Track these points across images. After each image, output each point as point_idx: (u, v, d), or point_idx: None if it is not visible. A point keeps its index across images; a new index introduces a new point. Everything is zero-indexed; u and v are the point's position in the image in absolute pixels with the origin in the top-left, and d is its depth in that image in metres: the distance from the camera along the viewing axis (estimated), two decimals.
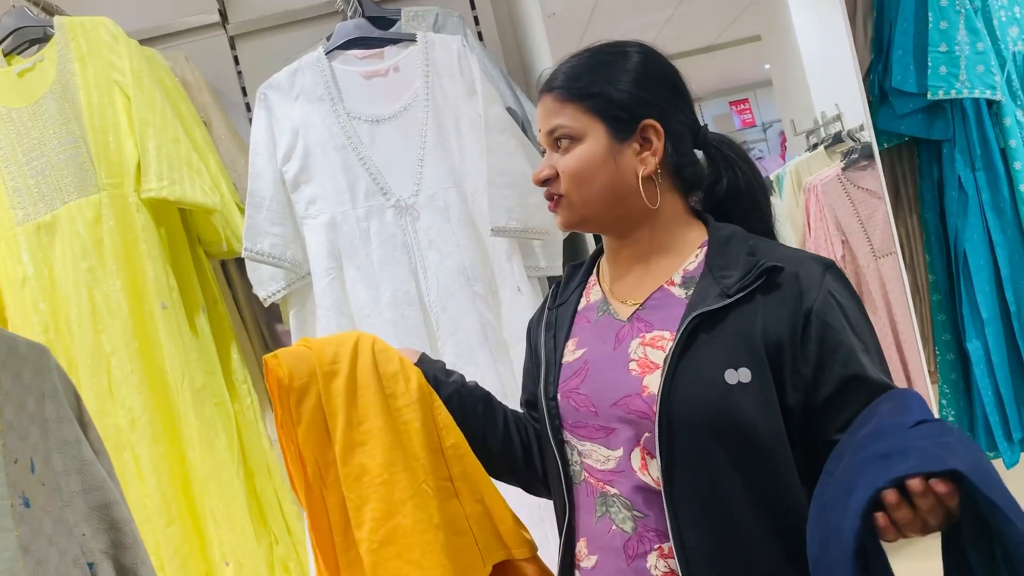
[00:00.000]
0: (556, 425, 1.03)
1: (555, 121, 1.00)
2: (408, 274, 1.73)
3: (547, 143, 1.03)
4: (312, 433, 1.04)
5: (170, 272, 1.75)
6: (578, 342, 1.06)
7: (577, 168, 0.99)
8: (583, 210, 1.02)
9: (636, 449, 0.95)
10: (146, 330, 1.73)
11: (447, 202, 1.75)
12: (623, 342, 0.99)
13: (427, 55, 1.79)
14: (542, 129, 1.03)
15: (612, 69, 1.00)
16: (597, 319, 1.06)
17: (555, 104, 1.01)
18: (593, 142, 0.99)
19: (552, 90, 1.01)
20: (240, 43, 2.21)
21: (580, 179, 0.99)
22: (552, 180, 1.02)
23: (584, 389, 1.01)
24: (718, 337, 0.91)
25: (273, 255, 1.72)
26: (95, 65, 1.74)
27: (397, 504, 1.02)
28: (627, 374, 0.96)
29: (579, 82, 1.00)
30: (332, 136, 1.75)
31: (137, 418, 1.70)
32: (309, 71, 1.78)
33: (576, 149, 0.99)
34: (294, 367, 1.05)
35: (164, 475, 1.70)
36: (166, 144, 1.73)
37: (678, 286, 1.00)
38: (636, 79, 1.00)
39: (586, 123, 0.99)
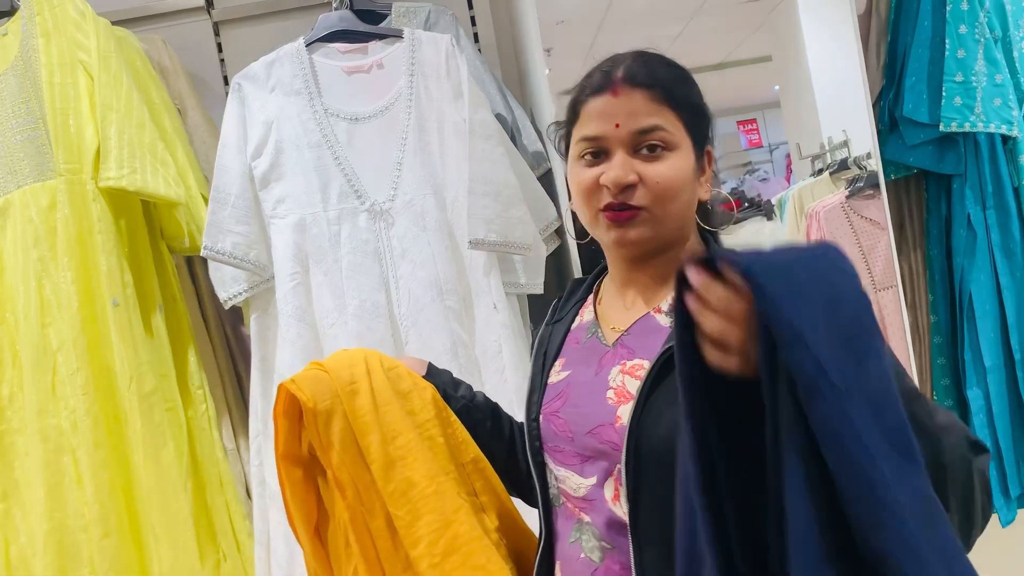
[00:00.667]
0: (536, 447, 1.00)
1: (653, 121, 0.90)
2: (378, 283, 1.62)
3: (625, 142, 0.90)
4: (347, 455, 1.00)
5: (126, 267, 1.64)
6: (565, 363, 1.02)
7: (671, 180, 0.90)
8: (660, 227, 0.92)
9: (610, 479, 0.92)
10: (96, 327, 1.62)
11: (424, 209, 1.65)
12: (605, 368, 0.95)
13: (413, 53, 1.69)
14: (625, 125, 0.89)
15: (694, 84, 0.96)
16: (585, 341, 1.01)
17: (650, 103, 0.90)
18: (685, 157, 0.92)
19: (647, 86, 0.90)
20: (225, 30, 2.11)
21: (671, 193, 0.90)
22: (631, 189, 0.90)
23: (563, 413, 0.97)
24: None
25: (235, 255, 1.62)
26: (59, 42, 1.64)
27: (451, 513, 0.99)
28: (604, 402, 0.92)
29: (678, 88, 0.92)
30: (307, 132, 1.65)
31: (80, 420, 1.59)
32: (287, 62, 1.68)
33: (671, 159, 0.91)
34: (316, 390, 1.01)
35: (104, 483, 1.59)
36: (129, 130, 1.62)
37: (665, 314, 0.94)
38: (703, 99, 0.96)
39: (682, 135, 0.92)
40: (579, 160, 0.94)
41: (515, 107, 1.91)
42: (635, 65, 0.92)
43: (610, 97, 0.90)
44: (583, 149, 0.94)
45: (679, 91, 0.92)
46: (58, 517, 1.59)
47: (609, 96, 0.91)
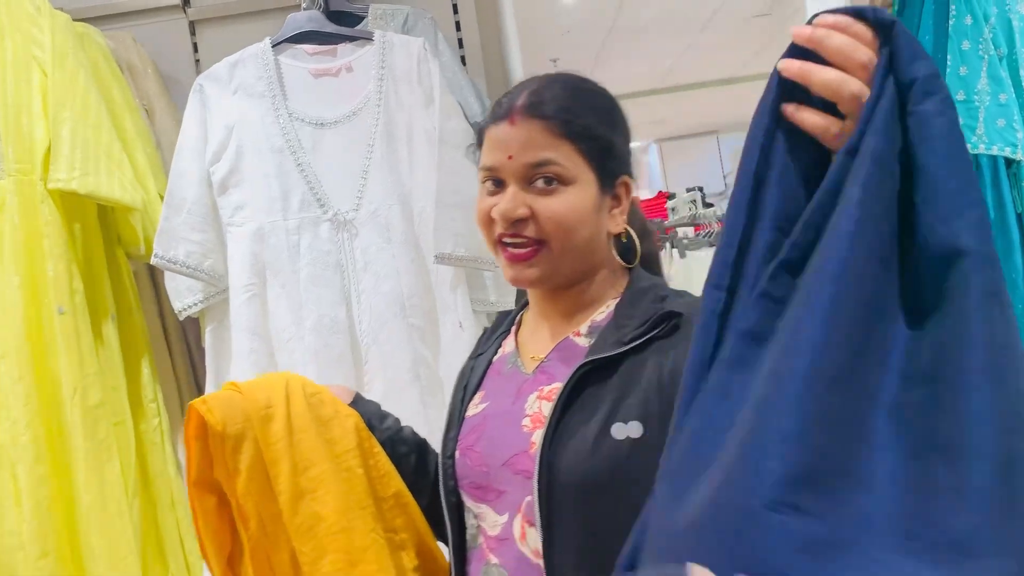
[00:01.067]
0: (451, 486, 0.95)
1: (546, 155, 0.87)
2: (339, 297, 1.54)
3: (517, 175, 0.88)
4: (254, 484, 0.93)
5: (75, 273, 1.56)
6: (484, 395, 0.98)
7: (568, 216, 0.87)
8: (558, 264, 0.89)
9: (518, 515, 0.87)
10: (42, 335, 1.54)
11: (389, 220, 1.56)
12: (522, 397, 0.92)
13: (383, 56, 1.61)
14: (518, 158, 0.87)
15: (606, 113, 0.92)
16: (506, 371, 0.98)
17: (545, 136, 0.87)
18: (584, 190, 0.88)
19: (543, 118, 0.87)
20: (201, 29, 2.04)
21: (567, 229, 0.87)
22: (524, 223, 0.87)
23: (479, 447, 0.93)
24: (608, 388, 0.84)
25: (188, 264, 1.54)
26: (14, 38, 1.57)
27: (358, 552, 0.93)
28: (519, 430, 0.89)
29: (579, 119, 0.88)
30: (269, 137, 1.57)
31: (20, 433, 1.51)
32: (252, 64, 1.60)
33: (566, 193, 0.87)
34: (227, 413, 0.93)
35: (43, 500, 1.51)
36: (84, 130, 1.55)
37: (583, 336, 0.92)
38: (622, 130, 0.94)
39: (580, 167, 0.88)
40: (482, 187, 0.92)
41: None
42: (539, 94, 0.89)
43: (507, 126, 0.88)
44: (483, 177, 0.92)
45: (582, 122, 0.88)
46: None
47: (507, 125, 0.88)
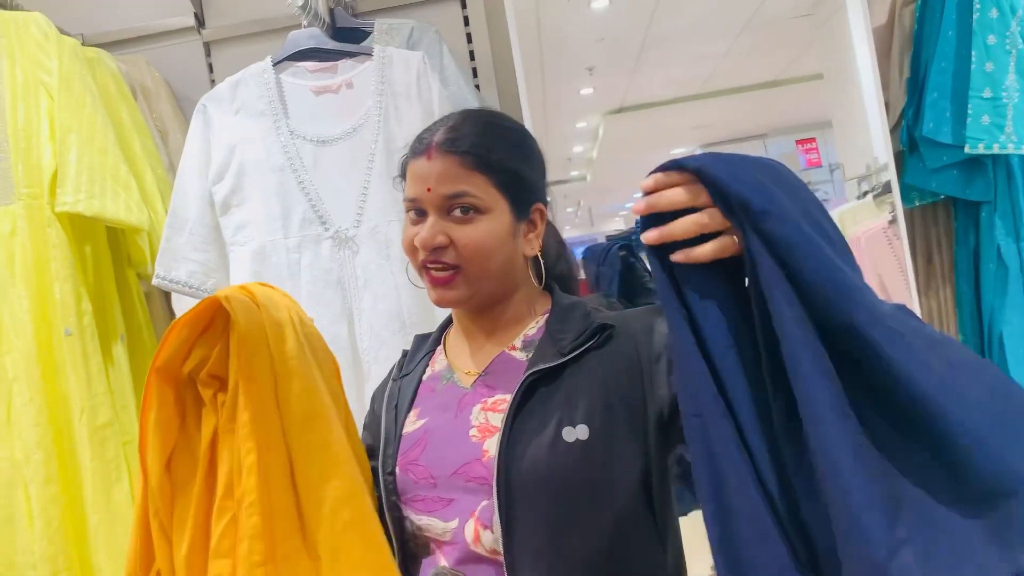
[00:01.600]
0: (393, 501, 0.98)
1: (461, 187, 0.93)
2: (339, 315, 1.53)
3: (436, 205, 0.94)
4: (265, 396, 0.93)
5: (83, 295, 1.58)
6: (419, 412, 1.02)
7: (481, 242, 0.94)
8: (477, 285, 0.96)
9: (470, 520, 0.92)
10: (52, 357, 1.57)
11: (388, 237, 1.55)
12: (465, 409, 0.97)
13: (383, 72, 1.60)
14: (436, 190, 0.94)
15: (517, 147, 0.99)
16: (441, 388, 1.03)
17: (460, 169, 0.94)
18: (498, 219, 0.95)
19: (458, 153, 0.94)
20: (216, 50, 2.07)
21: (483, 254, 0.94)
22: (444, 250, 0.94)
23: (423, 460, 0.97)
24: (555, 395, 0.91)
25: (191, 284, 1.54)
26: (23, 64, 1.60)
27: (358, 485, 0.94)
28: (467, 441, 0.94)
29: (492, 153, 0.95)
30: (270, 155, 1.57)
31: (31, 453, 1.53)
32: (253, 83, 1.60)
33: (481, 222, 0.94)
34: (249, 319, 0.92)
35: (54, 519, 1.53)
36: (90, 154, 1.57)
37: (519, 350, 0.99)
38: (535, 161, 1.01)
39: (494, 197, 0.95)
40: (406, 216, 0.98)
41: None
42: (455, 130, 0.96)
43: (425, 161, 0.95)
44: (407, 207, 0.98)
45: (494, 156, 0.95)
46: (7, 554, 1.53)
47: (424, 160, 0.95)
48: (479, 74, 2.01)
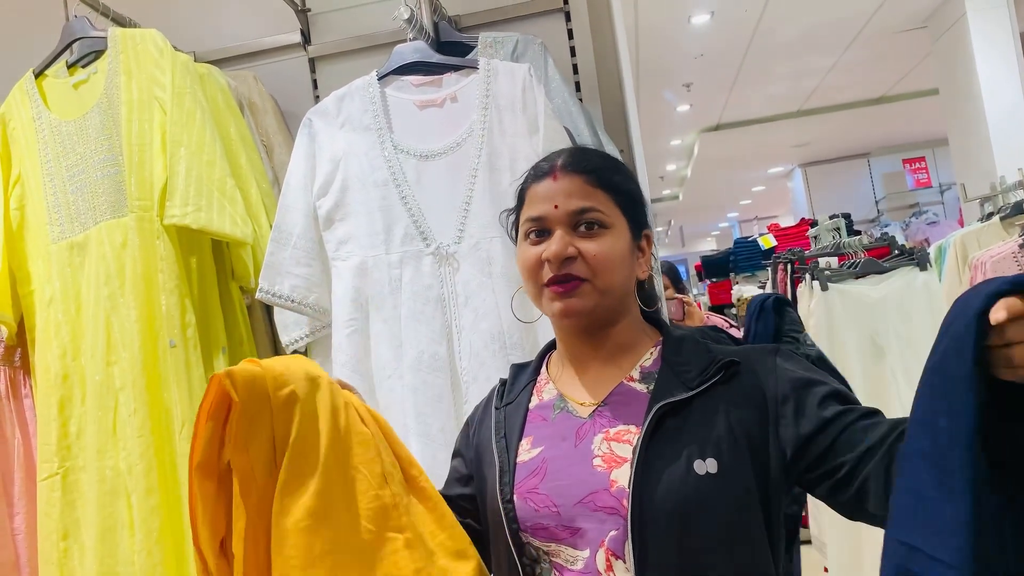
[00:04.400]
0: (515, 529, 0.98)
1: (587, 202, 0.99)
2: (439, 334, 1.48)
3: (563, 222, 0.99)
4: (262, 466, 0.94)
5: (188, 307, 1.60)
6: (533, 441, 1.02)
7: (607, 254, 0.98)
8: (601, 299, 0.98)
9: (600, 549, 0.92)
10: (157, 368, 1.58)
11: (490, 254, 1.50)
12: (584, 439, 0.97)
13: (488, 85, 1.56)
14: (563, 207, 0.98)
15: (628, 174, 1.06)
16: (553, 417, 1.03)
17: (586, 188, 0.99)
18: (620, 235, 1.00)
19: (583, 172, 1.00)
20: (320, 66, 2.09)
21: (608, 265, 0.98)
22: (572, 261, 0.97)
23: (543, 488, 0.97)
24: (683, 429, 0.92)
25: (293, 299, 1.53)
26: (139, 80, 1.64)
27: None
28: (592, 470, 0.94)
29: (612, 175, 1.02)
30: (374, 170, 1.55)
31: (134, 464, 1.55)
32: (358, 97, 1.59)
33: (606, 236, 0.98)
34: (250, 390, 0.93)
35: (154, 531, 1.53)
36: (198, 167, 1.59)
37: (638, 381, 1.00)
38: (639, 187, 1.06)
39: (617, 215, 1.00)
40: (525, 240, 1.01)
41: (607, 143, 1.73)
42: (574, 155, 1.03)
43: (551, 182, 1.00)
44: (528, 229, 1.01)
45: (613, 178, 1.01)
46: (108, 563, 1.55)
47: (550, 181, 1.00)
48: (582, 88, 1.95)
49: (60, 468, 1.63)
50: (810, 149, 8.65)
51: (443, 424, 1.45)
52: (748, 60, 5.40)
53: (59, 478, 1.62)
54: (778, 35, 5.04)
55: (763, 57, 5.34)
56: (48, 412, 1.63)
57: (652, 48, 4.56)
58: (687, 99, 6.01)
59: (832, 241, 3.27)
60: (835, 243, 3.19)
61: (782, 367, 0.94)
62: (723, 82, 5.72)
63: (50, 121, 1.71)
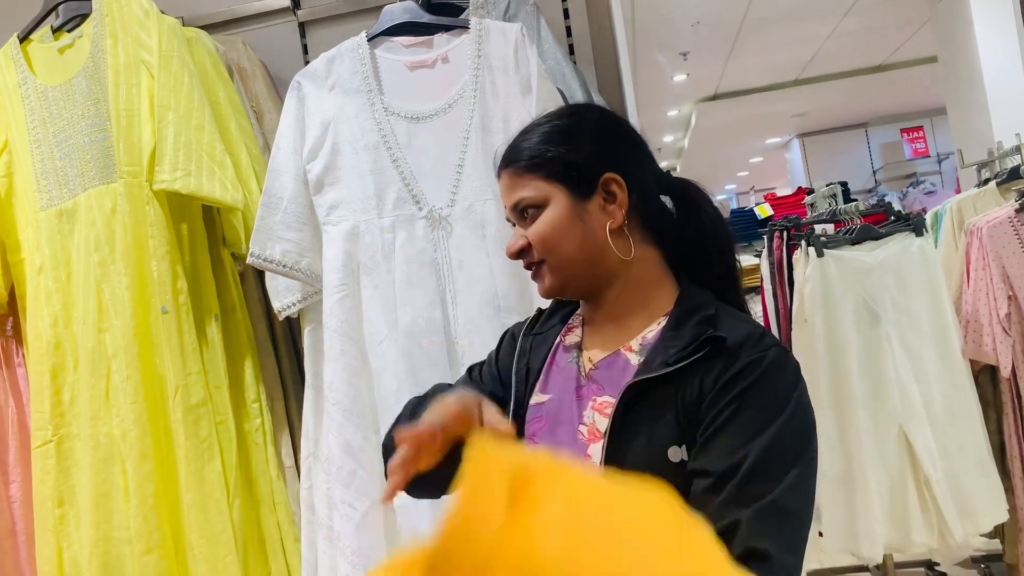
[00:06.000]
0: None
1: (517, 195, 0.99)
2: (434, 298, 1.48)
3: (515, 218, 1.01)
4: None
5: (179, 273, 1.58)
6: (544, 384, 1.02)
7: (545, 232, 0.97)
8: (562, 271, 0.98)
9: None
10: (149, 334, 1.58)
11: (484, 217, 1.48)
12: (580, 401, 0.97)
13: (479, 45, 1.54)
14: (507, 206, 1.01)
15: (565, 133, 1.00)
16: (565, 365, 1.02)
17: (514, 179, 0.99)
18: (556, 206, 0.97)
19: (508, 166, 1.00)
20: (310, 30, 2.05)
21: (551, 242, 0.97)
22: (527, 251, 0.99)
23: (541, 439, 0.99)
24: (659, 410, 0.87)
25: (284, 264, 1.52)
26: (126, 43, 1.61)
27: None
28: (575, 439, 0.95)
29: (533, 153, 0.99)
30: (365, 133, 1.53)
31: (128, 430, 1.55)
32: (348, 58, 1.57)
33: (542, 216, 0.97)
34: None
35: (148, 496, 1.53)
36: (187, 132, 1.57)
37: (635, 352, 0.96)
38: (591, 136, 1.00)
39: (547, 190, 0.97)
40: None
41: (601, 105, 1.71)
42: (506, 148, 1.02)
43: (498, 181, 1.03)
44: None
45: (536, 153, 0.98)
46: (104, 528, 1.55)
47: (497, 181, 1.03)
48: (576, 51, 1.93)
49: (54, 436, 1.62)
50: (808, 119, 8.60)
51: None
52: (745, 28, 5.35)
53: (53, 445, 1.62)
54: (776, 1, 4.99)
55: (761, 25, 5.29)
56: (41, 380, 1.63)
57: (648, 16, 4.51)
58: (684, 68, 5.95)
59: (828, 208, 3.25)
60: (831, 210, 3.17)
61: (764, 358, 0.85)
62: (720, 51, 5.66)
63: (36, 86, 1.68)
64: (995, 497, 2.40)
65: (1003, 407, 2.57)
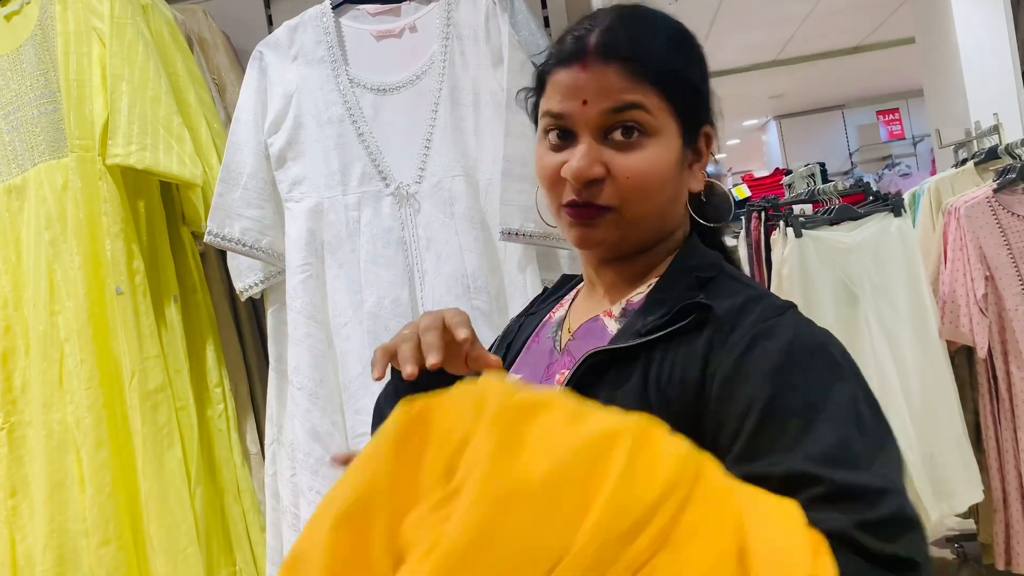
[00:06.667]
0: None
1: (629, 98, 0.72)
2: (401, 278, 1.42)
3: (593, 125, 0.74)
4: None
5: (135, 252, 1.51)
6: (518, 364, 0.88)
7: (648, 175, 0.74)
8: (632, 229, 0.76)
9: None
10: (103, 317, 1.51)
11: (453, 194, 1.43)
12: (549, 378, 0.81)
13: (449, 13, 1.47)
14: (595, 104, 0.73)
15: (688, 51, 0.78)
16: (542, 341, 0.87)
17: (628, 79, 0.72)
18: (667, 143, 0.75)
19: (626, 59, 0.72)
20: (276, 2, 1.97)
21: (646, 191, 0.74)
22: (595, 184, 0.74)
23: None
24: (623, 387, 0.70)
25: (244, 242, 1.46)
26: (75, 9, 1.53)
27: None
28: None
29: (666, 60, 0.74)
30: (328, 105, 1.46)
31: (82, 417, 1.48)
32: (311, 27, 1.50)
33: (649, 148, 0.74)
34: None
35: (105, 486, 1.47)
36: (141, 103, 1.49)
37: (614, 318, 0.79)
38: (704, 68, 0.79)
39: (665, 116, 0.74)
40: (544, 138, 0.78)
41: None
42: (614, 30, 0.74)
43: (579, 70, 0.73)
44: (547, 125, 0.77)
45: (667, 62, 0.74)
46: (59, 520, 1.49)
47: (577, 69, 0.73)
48: (551, 24, 1.87)
49: (5, 423, 1.55)
50: (785, 101, 8.58)
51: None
52: (724, 7, 5.30)
53: (4, 433, 1.55)
54: None
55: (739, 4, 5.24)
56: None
57: None
58: None
59: (807, 188, 3.22)
60: (810, 190, 3.14)
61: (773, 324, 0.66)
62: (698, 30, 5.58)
63: None
64: (971, 478, 2.40)
65: (979, 388, 2.56)
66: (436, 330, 0.72)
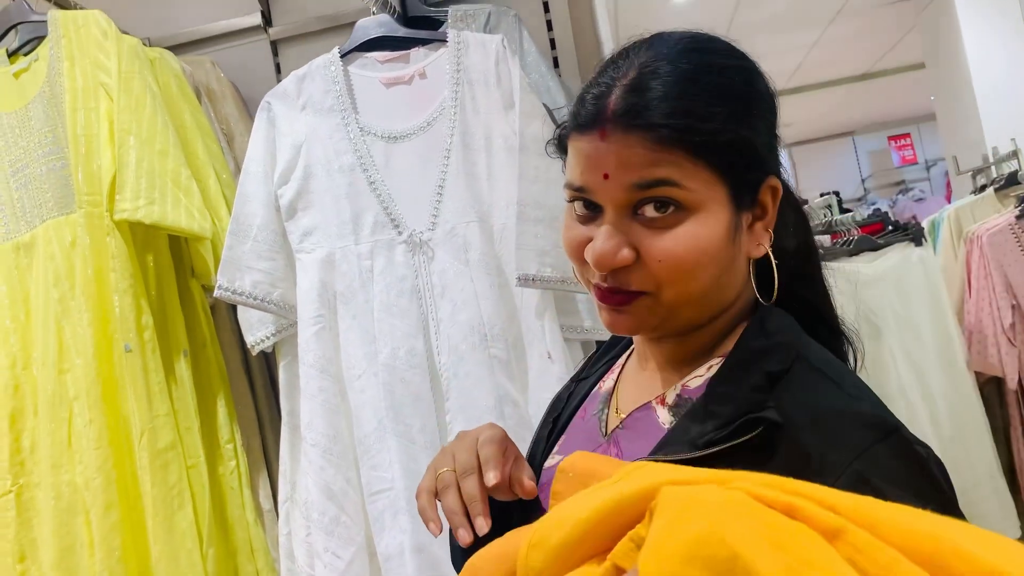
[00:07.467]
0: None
1: (658, 173, 0.60)
2: (415, 327, 1.38)
3: (618, 201, 0.62)
4: None
5: (144, 308, 1.48)
6: (564, 442, 0.77)
7: (685, 257, 0.61)
8: (669, 314, 0.65)
9: None
10: (113, 375, 1.47)
11: (467, 240, 1.39)
12: None
13: (459, 58, 1.45)
14: (617, 178, 0.61)
15: (739, 96, 0.63)
16: (589, 419, 0.76)
17: (656, 150, 0.60)
18: (712, 215, 0.62)
19: (651, 127, 0.60)
20: (283, 49, 1.97)
21: (686, 272, 0.62)
22: (626, 271, 0.63)
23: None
24: None
25: (255, 296, 1.42)
26: (83, 65, 1.52)
27: None
28: None
29: (697, 118, 0.60)
30: (339, 155, 1.44)
31: (92, 478, 1.44)
32: (319, 76, 1.48)
33: (687, 224, 0.61)
34: None
35: (115, 550, 1.42)
36: (149, 157, 1.47)
37: (668, 407, 0.67)
38: (764, 111, 0.65)
39: (706, 184, 0.61)
40: (569, 207, 0.67)
41: None
42: (638, 89, 0.61)
43: (597, 139, 0.62)
44: (572, 196, 0.66)
45: (707, 121, 0.60)
46: None
47: (596, 138, 0.62)
48: (560, 64, 1.85)
49: (14, 485, 1.51)
50: (795, 129, 8.57)
51: (423, 423, 1.35)
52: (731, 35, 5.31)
53: (13, 496, 1.51)
54: (761, 10, 4.95)
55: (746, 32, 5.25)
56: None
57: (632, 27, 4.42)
58: None
59: (824, 219, 3.18)
60: (827, 221, 3.10)
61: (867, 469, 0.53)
62: None
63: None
64: (1006, 514, 2.32)
65: (1011, 420, 2.49)
66: (474, 476, 0.66)
